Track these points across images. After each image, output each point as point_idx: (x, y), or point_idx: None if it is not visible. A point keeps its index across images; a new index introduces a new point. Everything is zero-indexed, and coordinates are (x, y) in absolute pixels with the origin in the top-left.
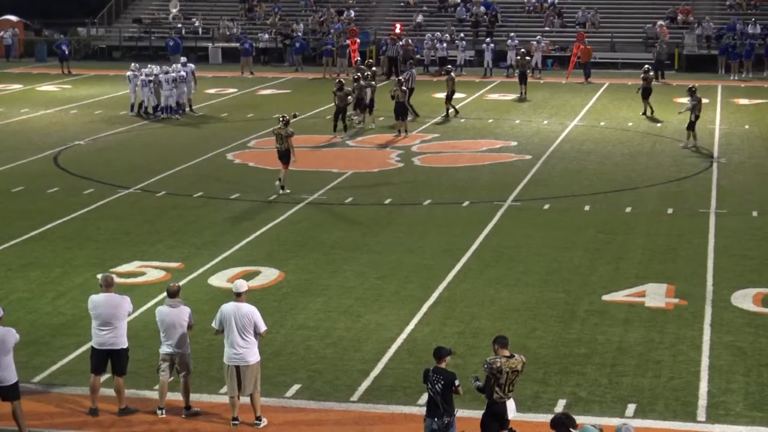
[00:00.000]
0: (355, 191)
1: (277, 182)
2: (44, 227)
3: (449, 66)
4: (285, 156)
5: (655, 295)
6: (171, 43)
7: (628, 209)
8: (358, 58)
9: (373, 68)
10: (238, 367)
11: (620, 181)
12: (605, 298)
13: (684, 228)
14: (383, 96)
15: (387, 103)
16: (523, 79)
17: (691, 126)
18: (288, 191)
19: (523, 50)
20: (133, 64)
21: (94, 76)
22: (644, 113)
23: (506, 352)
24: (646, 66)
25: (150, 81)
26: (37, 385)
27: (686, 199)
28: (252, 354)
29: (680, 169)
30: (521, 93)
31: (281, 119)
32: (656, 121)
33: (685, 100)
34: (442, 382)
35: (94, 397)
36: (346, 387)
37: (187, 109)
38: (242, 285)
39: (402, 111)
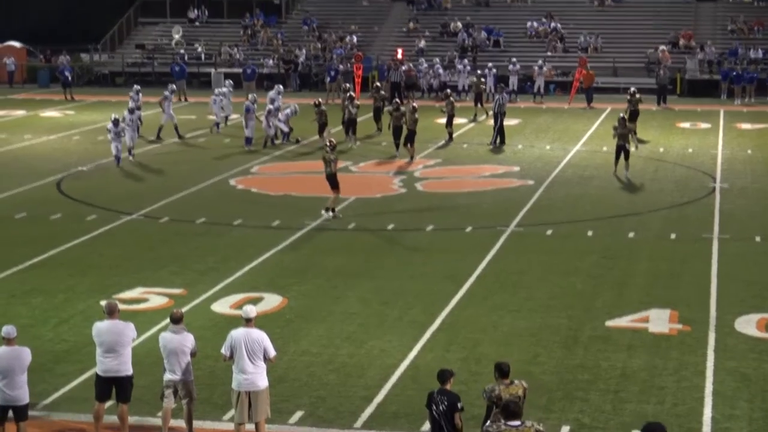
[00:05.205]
0: (357, 217)
1: (324, 212)
2: (47, 254)
3: (448, 90)
4: (332, 180)
5: (659, 321)
6: (177, 69)
7: (631, 234)
8: (378, 84)
9: (350, 93)
10: (249, 393)
11: (623, 206)
12: (608, 323)
13: (687, 253)
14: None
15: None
16: (478, 99)
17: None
18: (337, 216)
19: (479, 72)
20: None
21: (97, 101)
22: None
23: (506, 380)
24: (632, 89)
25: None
26: (40, 412)
27: (689, 225)
28: (262, 379)
29: (683, 194)
30: (475, 115)
31: (328, 144)
32: (641, 141)
33: (687, 125)
34: (446, 403)
35: (97, 425)
36: (350, 413)
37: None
38: (252, 310)
39: (411, 137)
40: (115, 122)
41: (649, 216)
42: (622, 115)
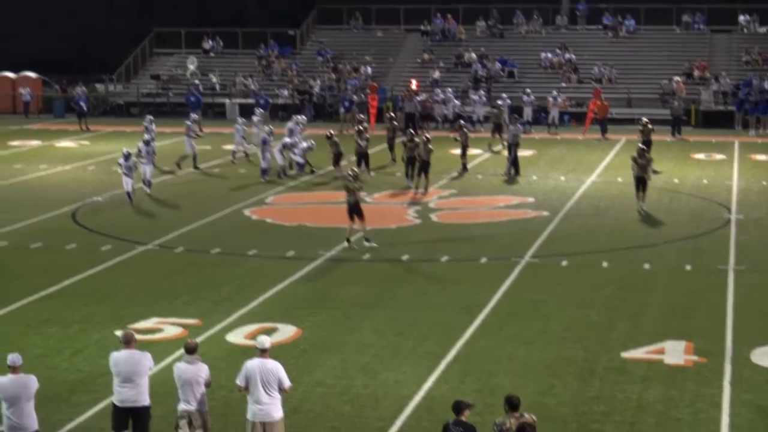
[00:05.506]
0: (372, 247)
1: (347, 243)
2: (62, 284)
3: (461, 121)
4: (356, 209)
5: (674, 353)
6: (192, 99)
7: (647, 266)
8: (392, 114)
9: (359, 126)
10: (264, 424)
11: (638, 237)
12: (624, 355)
13: (702, 285)
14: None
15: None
16: (497, 130)
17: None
18: (352, 246)
19: (499, 102)
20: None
21: (112, 132)
22: None
23: (516, 414)
24: (644, 119)
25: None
26: None
27: (704, 256)
28: (277, 409)
29: (698, 226)
30: (490, 145)
31: (350, 173)
32: (655, 172)
33: (702, 156)
34: None
35: None
36: None
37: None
38: (266, 340)
39: (425, 167)
40: (127, 156)
41: (665, 247)
42: (641, 146)
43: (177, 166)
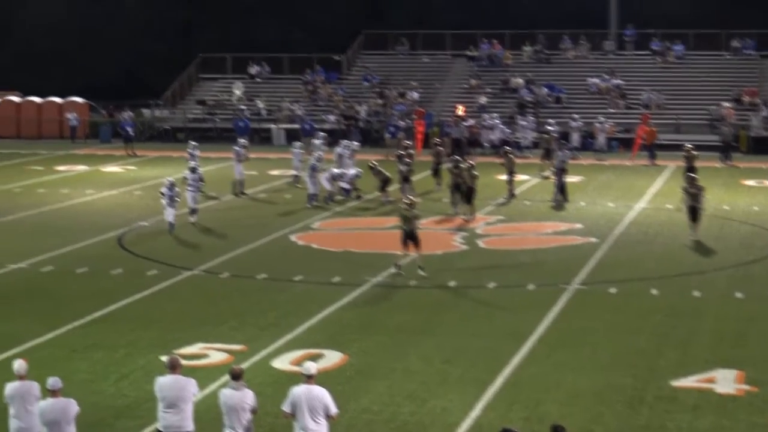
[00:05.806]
0: (419, 274)
1: (394, 268)
2: (108, 308)
3: (507, 147)
4: (412, 237)
5: (725, 381)
6: (240, 124)
7: (696, 293)
8: (438, 140)
9: (399, 151)
10: None
11: (688, 264)
12: (674, 383)
13: (753, 312)
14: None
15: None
16: (547, 155)
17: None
18: (400, 273)
19: (550, 128)
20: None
21: (158, 157)
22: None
23: None
24: (688, 145)
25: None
26: None
27: (755, 283)
28: None
29: (749, 252)
30: (540, 169)
31: (407, 200)
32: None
33: (752, 182)
34: None
35: None
36: None
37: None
38: (312, 367)
39: (470, 194)
40: (171, 186)
41: (715, 275)
42: (690, 174)
43: (234, 194)
